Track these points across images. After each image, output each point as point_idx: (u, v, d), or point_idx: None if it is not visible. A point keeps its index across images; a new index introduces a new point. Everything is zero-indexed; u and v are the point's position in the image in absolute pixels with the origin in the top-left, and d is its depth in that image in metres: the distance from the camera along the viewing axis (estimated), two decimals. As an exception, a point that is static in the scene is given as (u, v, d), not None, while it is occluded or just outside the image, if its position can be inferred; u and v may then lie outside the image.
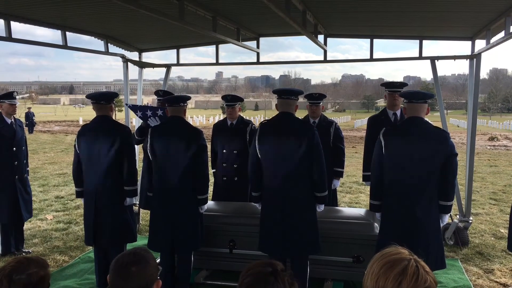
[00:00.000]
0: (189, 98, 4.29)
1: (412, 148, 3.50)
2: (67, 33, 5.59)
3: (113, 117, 4.39)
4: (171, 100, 4.11)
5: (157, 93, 5.59)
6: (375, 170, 3.72)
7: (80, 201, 7.10)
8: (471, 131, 5.61)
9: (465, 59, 5.59)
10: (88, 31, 5.92)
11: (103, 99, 4.18)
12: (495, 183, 10.32)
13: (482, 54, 5.40)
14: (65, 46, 5.62)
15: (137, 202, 6.27)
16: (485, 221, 6.81)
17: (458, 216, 5.82)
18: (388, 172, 3.61)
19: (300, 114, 4.88)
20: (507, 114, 65.86)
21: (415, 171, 3.49)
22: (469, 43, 5.66)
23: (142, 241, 5.77)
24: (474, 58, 5.48)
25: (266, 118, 4.09)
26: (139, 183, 5.33)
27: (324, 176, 3.81)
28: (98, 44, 6.42)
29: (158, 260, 4.28)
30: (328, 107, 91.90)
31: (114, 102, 4.34)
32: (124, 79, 6.65)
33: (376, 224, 4.26)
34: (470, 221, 5.77)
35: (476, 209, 7.60)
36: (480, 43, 5.48)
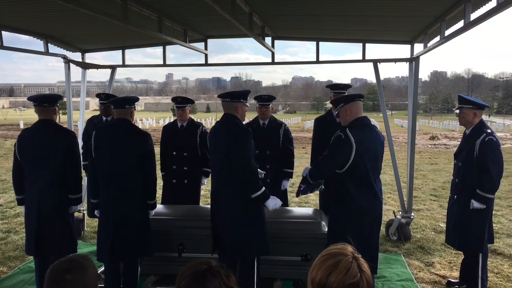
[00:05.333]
0: (136, 99, 4.16)
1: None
2: (3, 32, 5.30)
3: (57, 121, 4.21)
4: (116, 102, 3.97)
5: (99, 96, 5.43)
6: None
7: (21, 209, 6.74)
8: (411, 131, 5.86)
9: (405, 62, 5.85)
10: (26, 30, 5.64)
11: (46, 102, 3.98)
12: (436, 180, 10.86)
13: (421, 57, 5.67)
14: (0, 46, 5.33)
15: (82, 209, 6.07)
16: (426, 217, 7.15)
17: (400, 212, 6.07)
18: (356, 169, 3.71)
19: (250, 115, 4.91)
20: (447, 115, 69.48)
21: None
22: (408, 46, 5.93)
23: (87, 248, 5.58)
24: (413, 61, 5.75)
25: (216, 120, 4.09)
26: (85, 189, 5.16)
27: (249, 176, 3.65)
28: (38, 44, 6.14)
29: (102, 269, 4.15)
30: (279, 108, 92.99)
31: (58, 104, 4.16)
32: (66, 80, 6.40)
33: (323, 223, 4.36)
34: (412, 217, 6.04)
35: (418, 205, 7.97)
36: (418, 47, 5.75)
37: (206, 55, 6.62)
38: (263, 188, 3.70)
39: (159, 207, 4.71)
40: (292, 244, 4.26)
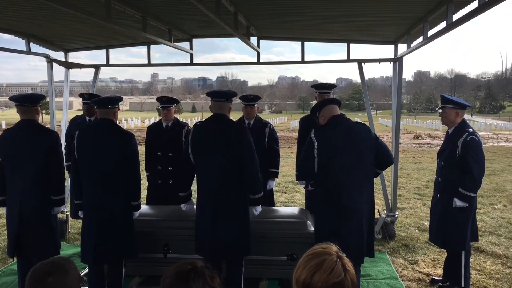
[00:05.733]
0: (120, 99, 4.12)
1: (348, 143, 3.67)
2: (-17, 31, 5.21)
3: (40, 121, 4.14)
4: (99, 102, 3.91)
5: (82, 95, 5.36)
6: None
7: (2, 211, 6.62)
8: (395, 130, 5.92)
9: (389, 62, 5.92)
10: (7, 29, 5.54)
11: (28, 101, 3.92)
12: (419, 179, 10.99)
13: (405, 57, 5.73)
14: (-21, 45, 5.23)
15: (66, 210, 5.99)
16: (410, 215, 7.23)
17: (385, 211, 6.12)
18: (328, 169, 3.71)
19: (235, 115, 4.91)
20: (431, 114, 70.49)
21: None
22: (392, 47, 5.99)
23: (71, 250, 5.51)
24: (397, 61, 5.81)
25: (202, 120, 4.07)
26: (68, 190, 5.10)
27: (257, 178, 3.82)
28: (20, 43, 6.04)
29: (86, 271, 4.10)
30: (265, 108, 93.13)
31: (40, 104, 4.09)
32: (49, 80, 6.30)
33: (309, 222, 4.37)
34: (396, 216, 6.11)
35: (402, 203, 8.05)
36: (402, 47, 5.81)
37: (191, 55, 6.60)
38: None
39: (144, 207, 4.67)
40: (278, 243, 4.27)
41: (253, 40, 6.05)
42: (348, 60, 6.11)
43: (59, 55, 6.60)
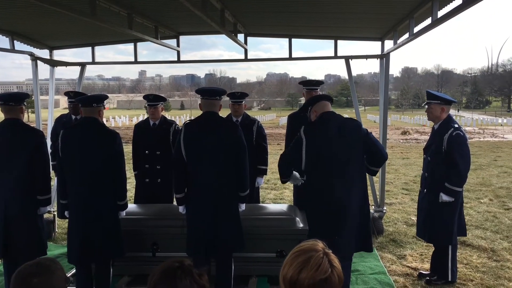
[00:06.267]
0: (105, 97, 4.08)
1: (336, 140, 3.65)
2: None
3: (25, 120, 4.08)
4: (84, 101, 3.88)
5: (67, 94, 5.29)
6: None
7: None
8: (383, 126, 5.96)
9: (376, 58, 5.94)
10: (-10, 26, 5.45)
11: (12, 100, 3.86)
12: (407, 174, 11.09)
13: (392, 53, 5.77)
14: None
15: (52, 210, 5.93)
16: (398, 210, 7.30)
17: (373, 206, 6.17)
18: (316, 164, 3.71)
19: (223, 113, 4.89)
20: (418, 110, 71.06)
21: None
22: (379, 43, 6.02)
23: (58, 250, 5.46)
24: (384, 57, 5.84)
25: (190, 118, 4.05)
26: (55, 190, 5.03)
27: (248, 176, 3.86)
28: (4, 41, 5.95)
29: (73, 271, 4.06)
30: (254, 105, 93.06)
31: (25, 103, 4.04)
32: (34, 78, 6.21)
33: (298, 219, 4.38)
34: (384, 211, 6.16)
35: (390, 199, 8.12)
36: (389, 44, 5.85)
37: (178, 52, 6.56)
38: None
39: (132, 206, 4.64)
40: (267, 240, 4.27)
41: (241, 37, 6.03)
42: (336, 56, 6.12)
43: (44, 53, 6.52)
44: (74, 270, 4.02)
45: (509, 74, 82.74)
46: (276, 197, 8.52)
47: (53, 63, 6.46)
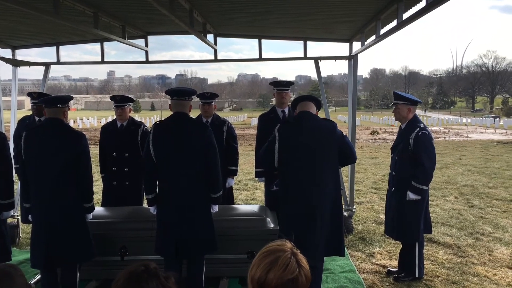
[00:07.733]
0: (70, 98, 3.96)
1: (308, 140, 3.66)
2: None
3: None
4: (48, 101, 3.76)
5: (30, 95, 5.12)
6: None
7: None
8: (351, 126, 6.04)
9: (344, 60, 6.02)
10: None
11: None
12: (376, 173, 11.29)
13: (359, 55, 5.85)
14: None
15: (16, 214, 5.74)
16: (367, 209, 7.42)
17: (343, 206, 6.23)
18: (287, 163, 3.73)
19: (193, 113, 4.85)
20: (387, 110, 72.53)
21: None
22: (347, 44, 6.10)
23: (23, 255, 5.28)
24: (352, 58, 5.93)
25: (161, 119, 3.99)
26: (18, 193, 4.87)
27: (219, 176, 3.85)
28: (-38, 39, 5.71)
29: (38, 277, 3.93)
30: (225, 106, 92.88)
31: None
32: (-5, 78, 6.00)
33: (269, 219, 4.39)
34: (354, 210, 6.24)
35: (360, 198, 8.25)
36: (356, 45, 5.94)
37: (147, 52, 6.47)
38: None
39: (100, 209, 4.54)
40: (238, 241, 4.26)
41: (210, 37, 5.99)
42: (305, 57, 6.18)
43: (6, 53, 6.30)
44: (39, 276, 3.89)
45: (473, 75, 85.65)
46: (247, 197, 8.51)
47: (15, 63, 6.24)
